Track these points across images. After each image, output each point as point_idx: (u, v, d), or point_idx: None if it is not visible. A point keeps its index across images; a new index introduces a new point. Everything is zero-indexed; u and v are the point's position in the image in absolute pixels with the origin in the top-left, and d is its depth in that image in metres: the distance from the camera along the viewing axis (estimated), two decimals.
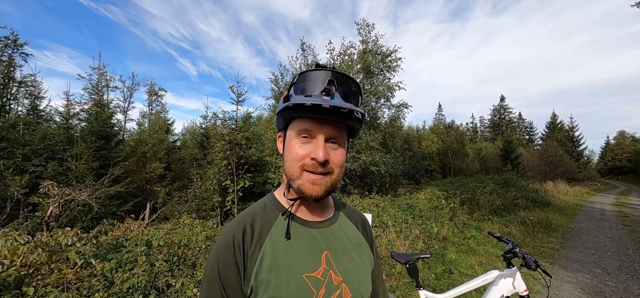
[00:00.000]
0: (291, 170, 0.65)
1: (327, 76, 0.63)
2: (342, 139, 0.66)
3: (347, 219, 0.79)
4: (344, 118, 0.62)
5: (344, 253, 0.70)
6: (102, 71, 10.94)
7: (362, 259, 0.73)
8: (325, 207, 0.75)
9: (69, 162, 6.57)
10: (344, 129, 0.67)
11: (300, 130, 0.64)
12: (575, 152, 34.58)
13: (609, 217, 8.91)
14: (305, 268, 0.62)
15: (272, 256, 0.62)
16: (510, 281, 1.87)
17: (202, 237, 3.26)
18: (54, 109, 8.39)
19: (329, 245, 0.68)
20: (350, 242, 0.73)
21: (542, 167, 22.51)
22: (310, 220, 0.70)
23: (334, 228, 0.73)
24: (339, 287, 0.64)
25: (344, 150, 0.67)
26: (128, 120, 14.29)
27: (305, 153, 0.63)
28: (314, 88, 0.63)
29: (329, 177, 0.65)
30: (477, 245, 5.14)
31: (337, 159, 0.65)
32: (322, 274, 0.63)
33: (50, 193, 4.30)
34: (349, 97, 0.65)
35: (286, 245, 0.64)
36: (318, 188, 0.63)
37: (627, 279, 3.95)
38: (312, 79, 0.64)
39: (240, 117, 7.45)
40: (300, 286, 0.60)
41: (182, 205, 8.04)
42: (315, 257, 0.65)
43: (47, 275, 2.23)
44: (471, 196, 8.69)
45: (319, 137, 0.63)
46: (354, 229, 0.78)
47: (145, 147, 10.89)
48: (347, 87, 0.65)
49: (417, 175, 17.87)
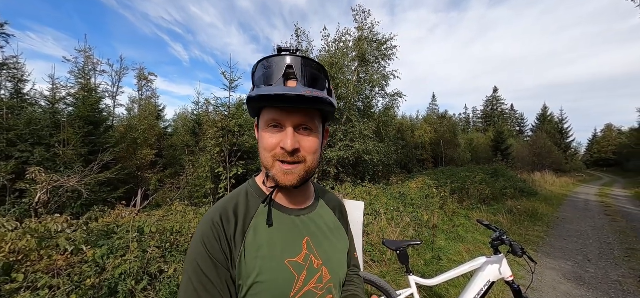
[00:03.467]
0: (265, 160, 0.65)
1: (289, 61, 0.61)
2: (314, 125, 0.65)
3: (326, 206, 0.82)
4: (310, 104, 0.60)
5: (324, 239, 0.73)
6: (89, 54, 10.56)
7: (339, 243, 0.78)
8: (305, 194, 0.77)
9: (56, 147, 6.40)
10: (316, 114, 0.66)
11: (269, 120, 0.63)
12: (563, 144, 35.41)
13: (592, 207, 9.23)
14: (287, 253, 0.64)
15: (255, 243, 0.63)
16: (497, 267, 1.94)
17: (195, 223, 3.26)
18: (39, 93, 8.06)
19: (309, 232, 0.71)
20: (329, 227, 0.77)
21: (531, 158, 23.03)
22: (292, 208, 0.72)
23: (314, 216, 0.75)
24: (319, 270, 0.67)
25: (317, 136, 0.66)
26: (117, 105, 13.97)
27: (275, 142, 0.62)
28: (276, 75, 0.60)
29: (302, 165, 0.64)
30: (465, 233, 5.28)
31: (309, 146, 0.64)
32: (304, 259, 0.66)
33: (38, 180, 4.21)
34: (316, 82, 0.63)
35: (269, 232, 0.65)
36: (291, 178, 0.63)
37: (606, 266, 4.14)
38: (275, 65, 0.61)
39: (233, 104, 7.33)
40: (283, 271, 0.62)
41: (174, 192, 7.97)
42: (297, 243, 0.67)
43: (37, 261, 2.20)
44: (461, 186, 8.86)
45: (287, 126, 0.61)
46: (332, 215, 0.82)
47: (136, 133, 10.66)
48: (313, 71, 0.63)
49: (409, 165, 18.09)
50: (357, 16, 10.73)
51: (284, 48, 0.64)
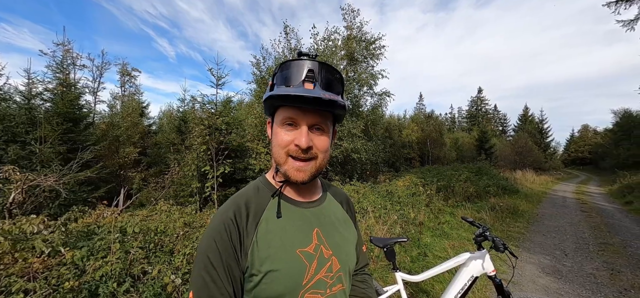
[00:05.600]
0: (278, 156, 0.69)
1: (309, 65, 0.65)
2: (326, 125, 0.70)
3: (333, 199, 0.86)
4: (326, 106, 0.64)
5: (333, 230, 0.76)
6: (67, 47, 10.08)
7: (348, 234, 0.82)
8: (314, 188, 0.81)
9: (32, 145, 6.11)
10: (329, 116, 0.71)
11: (285, 118, 0.67)
12: (543, 143, 36.75)
13: (569, 204, 9.66)
14: (298, 243, 0.68)
15: (267, 234, 0.66)
16: (480, 263, 1.99)
17: (180, 223, 3.19)
18: (13, 88, 7.67)
19: (319, 223, 0.74)
20: (338, 219, 0.81)
21: (513, 157, 23.81)
22: (301, 201, 0.76)
23: (323, 208, 0.79)
24: (329, 260, 0.71)
25: (328, 136, 0.71)
26: (98, 101, 13.51)
27: (289, 139, 0.66)
28: (296, 77, 0.65)
29: (313, 162, 0.68)
30: (450, 230, 5.41)
31: (321, 145, 0.68)
32: (314, 249, 0.69)
33: (12, 179, 4.00)
34: (331, 86, 0.68)
35: (280, 224, 0.69)
36: (303, 174, 0.67)
37: (581, 260, 4.34)
38: (295, 68, 0.66)
39: (220, 101, 7.22)
40: (295, 260, 0.66)
41: (158, 191, 7.77)
42: (307, 233, 0.71)
43: (11, 264, 2.09)
44: (447, 184, 9.07)
45: (302, 124, 0.66)
46: (340, 207, 0.86)
47: (118, 131, 10.32)
48: (329, 75, 0.68)
49: (397, 163, 18.34)
50: (346, 15, 10.80)
51: (304, 52, 0.69)
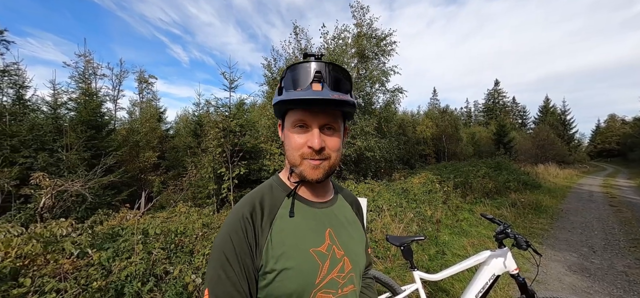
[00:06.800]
0: (292, 159, 0.70)
1: (316, 67, 0.66)
2: (337, 124, 0.70)
3: (344, 201, 0.87)
4: (335, 106, 0.65)
5: (344, 231, 0.77)
6: (88, 58, 10.61)
7: (358, 235, 0.82)
8: (326, 189, 0.82)
9: (59, 152, 6.44)
10: (338, 114, 0.71)
11: (296, 121, 0.68)
12: (566, 135, 35.22)
13: (596, 198, 9.18)
14: (311, 243, 0.69)
15: (281, 232, 0.67)
16: (501, 261, 1.93)
17: (199, 224, 3.27)
18: (40, 99, 8.11)
19: (331, 223, 0.75)
20: (348, 220, 0.82)
21: (534, 151, 22.92)
22: (314, 201, 0.77)
23: (335, 208, 0.80)
24: (341, 260, 0.71)
25: (339, 134, 0.71)
26: (118, 108, 14.05)
27: (302, 142, 0.68)
28: (304, 79, 0.65)
29: (327, 161, 0.69)
30: (469, 227, 5.27)
31: (333, 144, 0.69)
32: (327, 249, 0.70)
33: (42, 185, 4.23)
34: (339, 85, 0.68)
35: (294, 223, 0.70)
36: (318, 172, 0.68)
37: (611, 257, 4.11)
38: (302, 71, 0.66)
39: (234, 104, 7.34)
40: (308, 259, 0.67)
41: (177, 193, 8.01)
42: (320, 233, 0.71)
43: (43, 265, 2.22)
44: (464, 180, 8.84)
45: (313, 126, 0.67)
46: (350, 209, 0.87)
47: (138, 136, 10.72)
48: (337, 74, 0.68)
49: (411, 160, 18.06)
50: (355, 12, 10.72)
51: (310, 53, 0.70)
